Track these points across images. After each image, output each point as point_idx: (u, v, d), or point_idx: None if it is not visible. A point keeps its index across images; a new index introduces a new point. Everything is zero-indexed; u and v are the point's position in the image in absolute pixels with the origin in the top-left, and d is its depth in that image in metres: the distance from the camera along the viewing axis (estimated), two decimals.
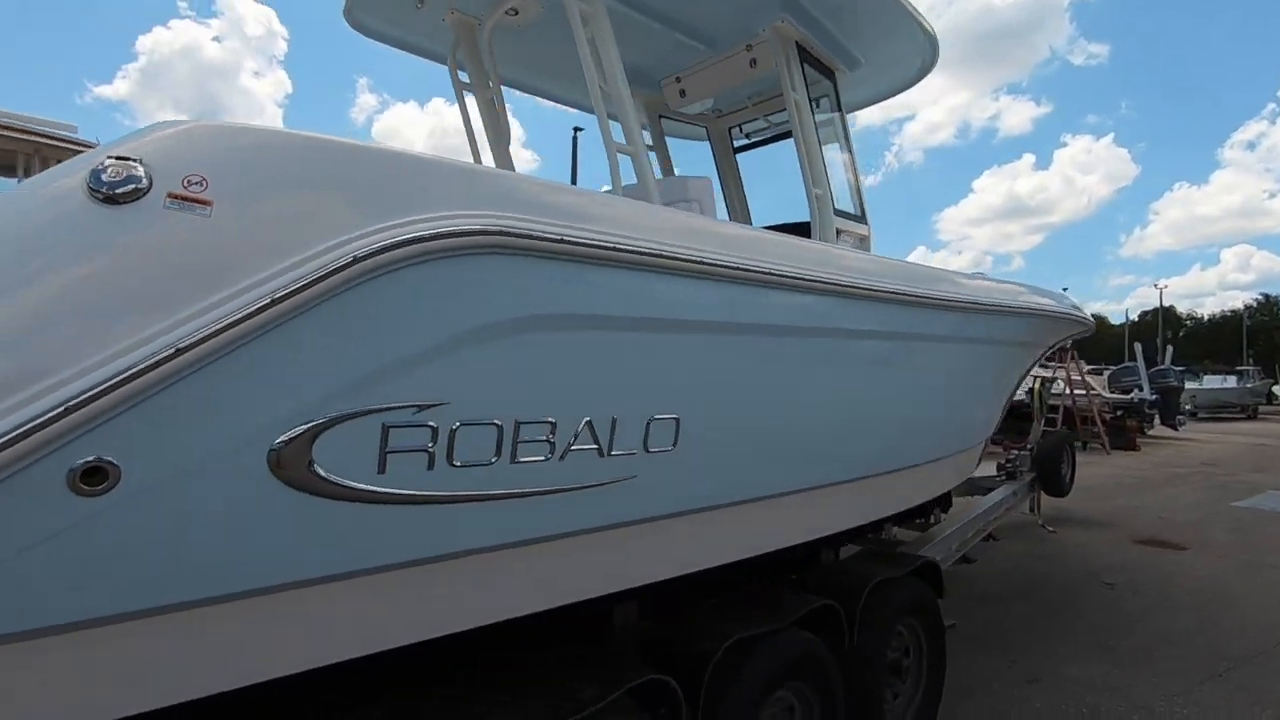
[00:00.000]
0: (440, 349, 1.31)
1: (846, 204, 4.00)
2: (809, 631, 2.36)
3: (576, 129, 23.87)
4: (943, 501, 5.49)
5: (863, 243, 4.04)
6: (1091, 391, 15.54)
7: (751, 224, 4.87)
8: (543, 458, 1.51)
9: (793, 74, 3.49)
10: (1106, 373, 19.02)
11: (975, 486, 6.94)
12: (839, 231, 3.80)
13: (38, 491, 0.94)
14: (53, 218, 1.00)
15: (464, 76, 3.45)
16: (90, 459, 0.97)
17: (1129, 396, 16.36)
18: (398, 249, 1.20)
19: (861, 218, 4.02)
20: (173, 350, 0.99)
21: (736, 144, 4.77)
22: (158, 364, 0.98)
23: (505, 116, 3.54)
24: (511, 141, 3.61)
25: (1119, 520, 7.72)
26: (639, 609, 2.49)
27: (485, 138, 3.57)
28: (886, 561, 3.06)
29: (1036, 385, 8.06)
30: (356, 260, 1.15)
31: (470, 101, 3.47)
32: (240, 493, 1.10)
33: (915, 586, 2.98)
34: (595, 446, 1.63)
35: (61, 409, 0.92)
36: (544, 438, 1.51)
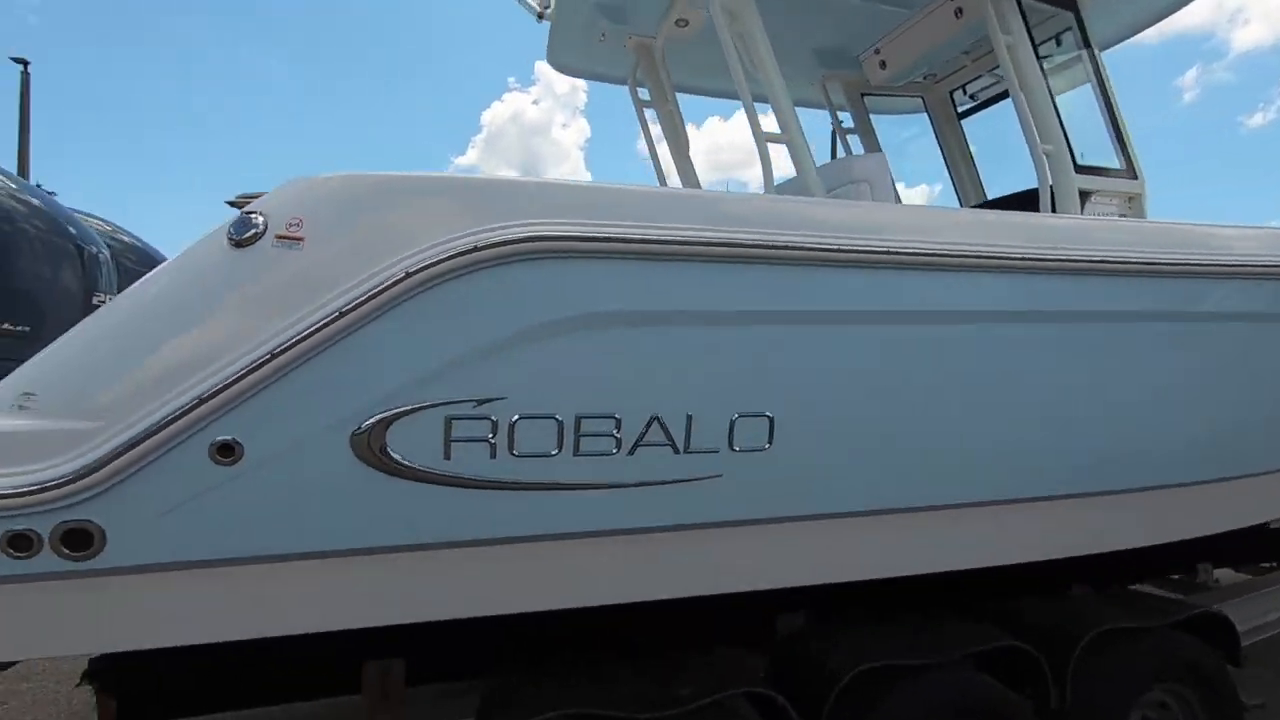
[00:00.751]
0: (496, 348, 1.45)
1: (1105, 158, 3.25)
2: (990, 675, 1.97)
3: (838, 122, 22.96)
4: None
5: (1132, 202, 3.24)
6: None
7: (985, 196, 4.20)
8: (612, 451, 1.55)
9: (1003, 12, 2.95)
10: None
11: None
12: (1090, 193, 3.11)
13: (189, 461, 1.32)
14: (208, 258, 1.39)
15: (644, 95, 3.65)
16: (225, 438, 1.33)
17: None
18: (443, 263, 1.37)
19: (1130, 172, 3.22)
20: (267, 354, 1.30)
21: (961, 109, 4.16)
22: (257, 365, 1.29)
23: (684, 128, 3.64)
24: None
25: None
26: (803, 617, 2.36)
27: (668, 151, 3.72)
28: (1138, 608, 2.37)
29: None
30: (409, 274, 1.36)
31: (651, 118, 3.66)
32: (329, 468, 1.38)
33: (1184, 644, 2.25)
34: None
35: (196, 399, 1.28)
36: (614, 432, 1.55)
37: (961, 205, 4.21)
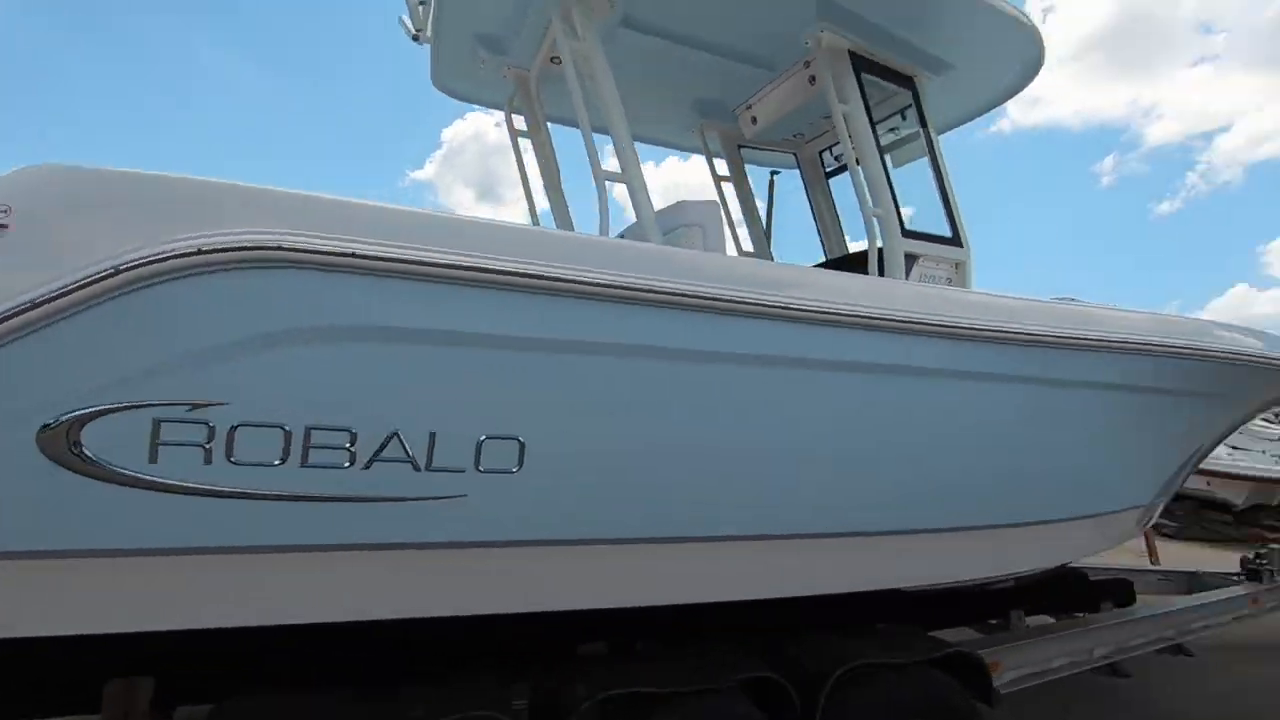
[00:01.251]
0: (218, 352, 1.45)
1: (937, 226, 3.52)
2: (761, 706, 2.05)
3: (774, 173, 23.88)
4: (1109, 592, 4.37)
5: (958, 269, 3.51)
6: None
7: (847, 252, 4.46)
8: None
9: (841, 86, 3.20)
10: None
11: (1197, 583, 5.37)
12: (917, 257, 3.35)
13: None
14: None
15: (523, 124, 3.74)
16: None
17: None
18: (161, 262, 1.37)
19: (956, 241, 3.48)
20: None
21: (829, 169, 4.43)
22: None
23: (555, 159, 3.74)
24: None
25: None
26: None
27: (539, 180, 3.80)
28: (899, 646, 2.51)
29: None
30: (118, 271, 1.35)
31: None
32: (12, 463, 1.34)
33: (938, 682, 2.40)
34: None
35: None
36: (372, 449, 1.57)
37: (827, 259, 4.46)
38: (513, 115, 3.72)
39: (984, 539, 2.98)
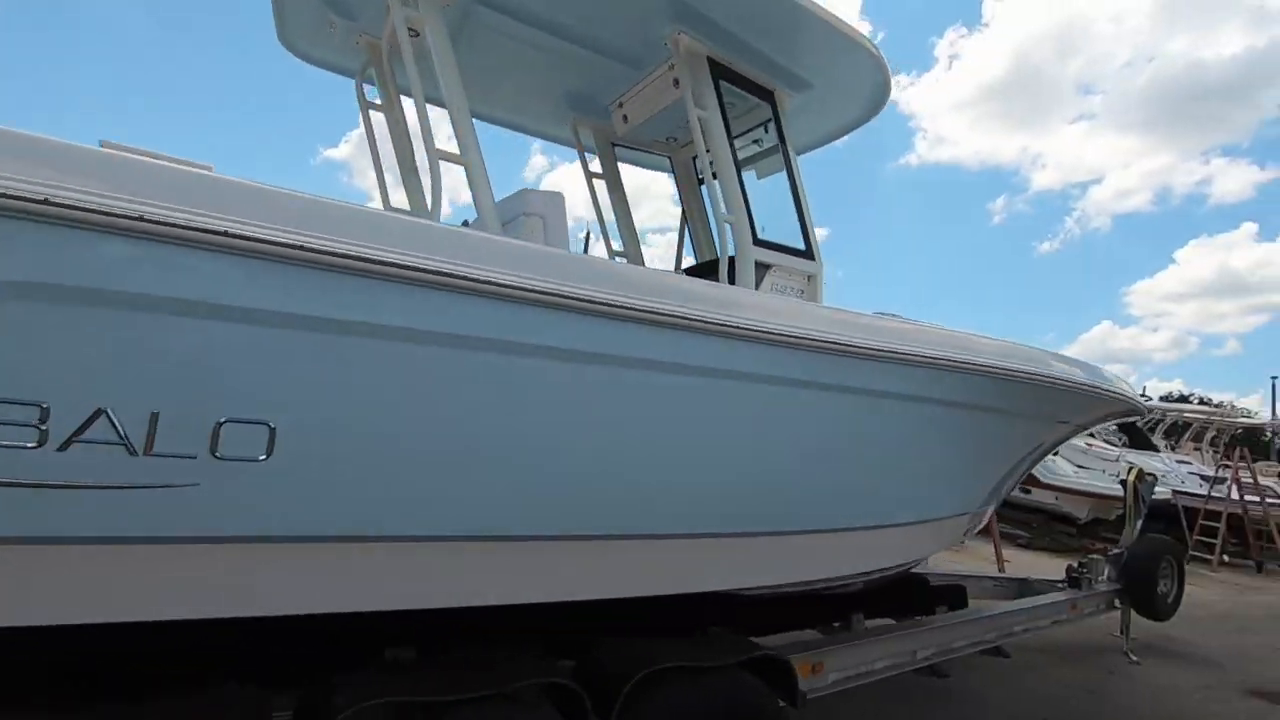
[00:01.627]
0: None
1: (790, 239, 3.60)
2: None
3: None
4: (944, 597, 4.61)
5: (810, 282, 3.59)
6: (1271, 498, 12.72)
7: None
8: None
9: (700, 92, 3.21)
10: None
11: (1027, 589, 5.78)
12: (768, 266, 3.40)
13: None
14: None
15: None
16: None
17: None
18: None
19: (809, 254, 3.57)
20: None
21: (702, 175, 4.47)
22: None
23: (408, 135, 3.56)
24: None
25: (1237, 660, 6.03)
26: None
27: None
28: (708, 648, 2.51)
29: (1131, 477, 6.63)
30: None
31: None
32: None
33: (745, 684, 2.40)
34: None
35: None
36: None
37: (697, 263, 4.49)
38: (365, 86, 3.51)
39: (820, 542, 3.04)
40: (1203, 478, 13.13)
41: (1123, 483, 6.74)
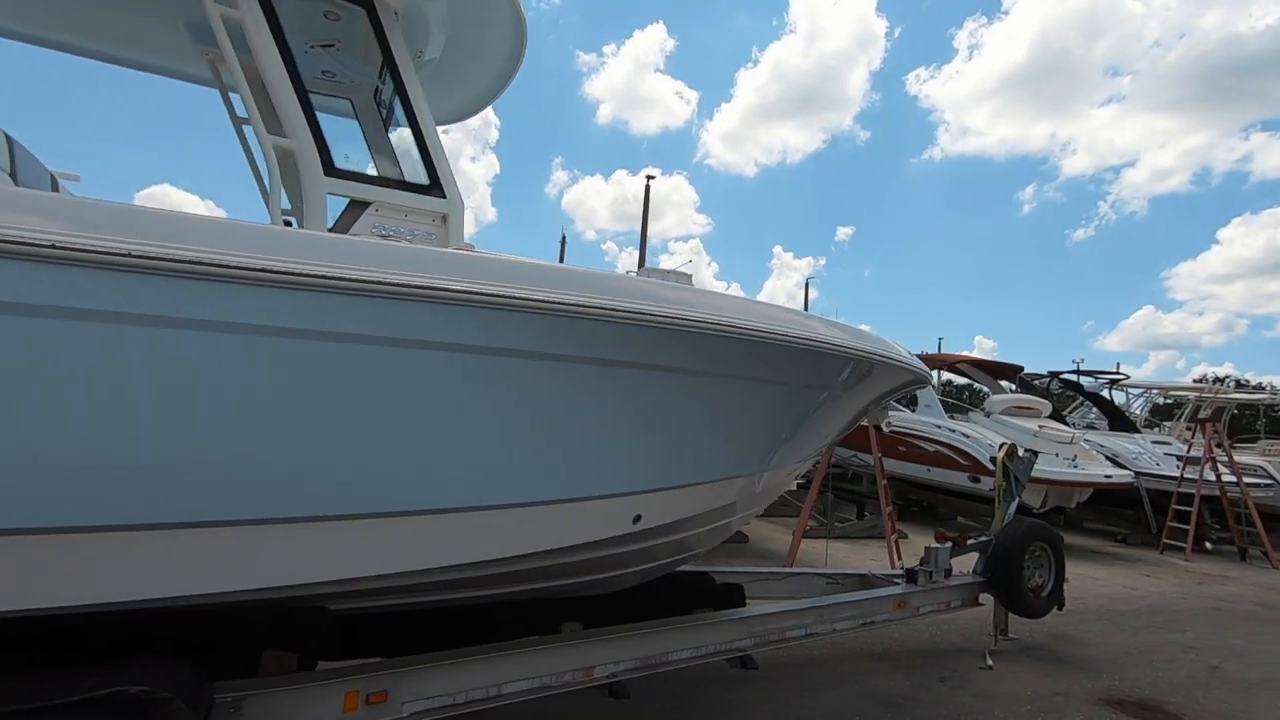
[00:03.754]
0: None
1: (411, 173, 3.02)
2: None
3: (650, 177, 23.75)
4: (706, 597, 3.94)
5: (442, 223, 3.00)
6: (1248, 478, 11.61)
7: None
8: None
9: None
10: None
11: (868, 585, 5.04)
12: (368, 203, 2.83)
13: None
14: None
15: None
16: None
17: None
18: None
19: (438, 191, 2.98)
20: None
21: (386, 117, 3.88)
22: None
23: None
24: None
25: (1120, 663, 5.19)
26: None
27: None
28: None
29: (1000, 454, 5.82)
30: None
31: None
32: None
33: None
34: None
35: None
36: None
37: None
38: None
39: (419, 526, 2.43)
40: (1178, 459, 12.04)
41: (993, 459, 5.93)
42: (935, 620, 5.91)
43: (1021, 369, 13.97)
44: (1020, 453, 5.82)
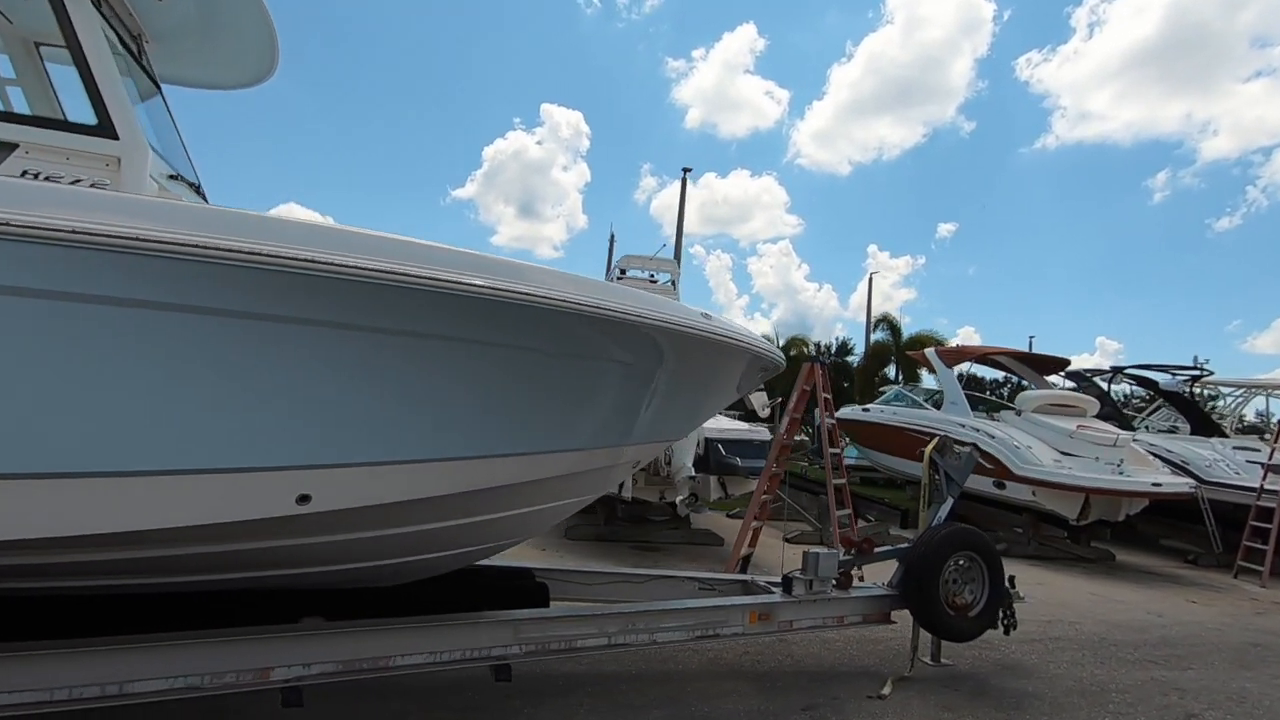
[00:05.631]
0: None
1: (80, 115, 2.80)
2: None
3: (686, 169, 23.20)
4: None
5: (115, 167, 2.78)
6: None
7: None
8: None
9: None
10: None
11: (749, 590, 4.40)
12: (11, 145, 2.64)
13: None
14: None
15: None
16: None
17: None
18: None
19: (103, 130, 2.75)
20: None
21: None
22: None
23: None
24: None
25: (1056, 702, 4.24)
26: None
27: None
28: None
29: (928, 449, 4.94)
30: None
31: None
32: None
33: None
34: None
35: None
36: None
37: None
38: None
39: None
40: (1263, 466, 10.21)
41: (924, 453, 5.06)
42: (865, 637, 5.14)
43: (1068, 362, 12.38)
44: (956, 448, 4.93)
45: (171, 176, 3.22)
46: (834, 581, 4.31)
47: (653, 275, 10.49)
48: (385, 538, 3.01)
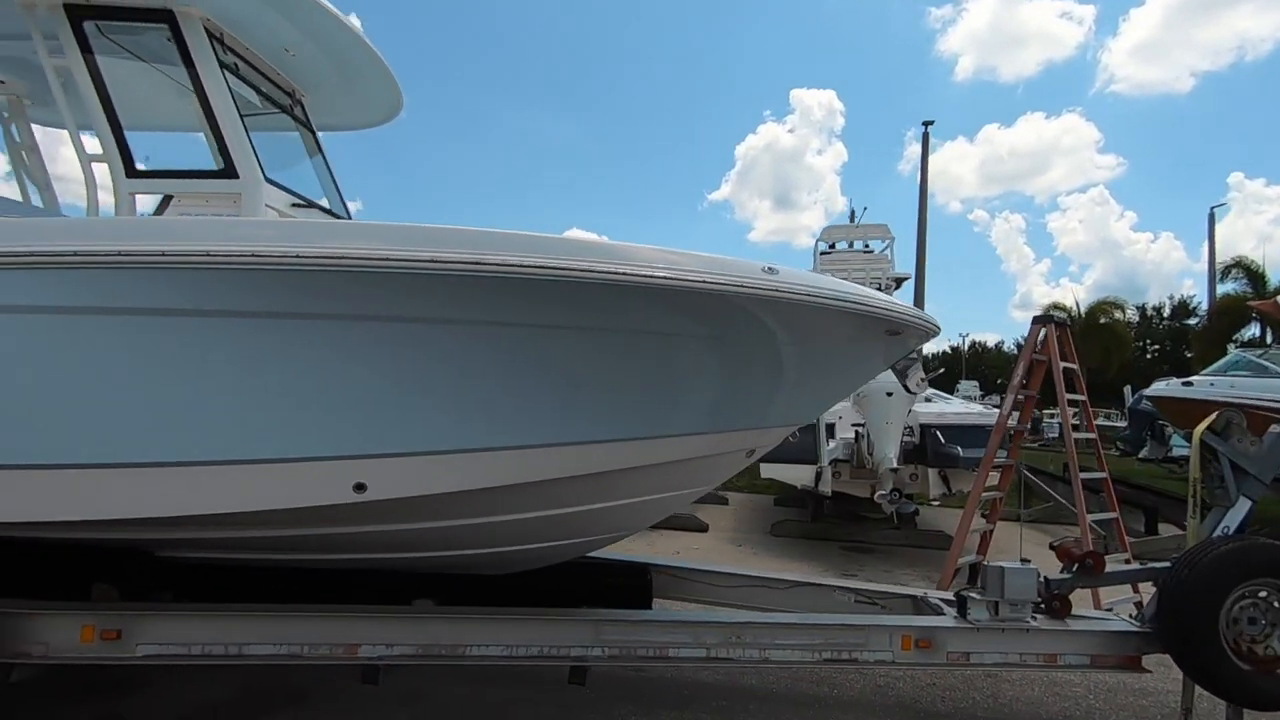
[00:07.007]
0: None
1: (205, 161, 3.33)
2: None
3: (927, 123, 20.08)
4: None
5: (238, 201, 3.28)
6: None
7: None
8: None
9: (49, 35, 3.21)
10: None
11: (920, 608, 3.58)
12: (170, 198, 3.28)
13: None
14: None
15: None
16: None
17: None
18: None
19: (227, 172, 3.25)
20: None
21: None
22: None
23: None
24: None
25: None
26: None
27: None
28: None
29: (1200, 428, 3.34)
30: None
31: None
32: None
33: None
34: None
35: None
36: None
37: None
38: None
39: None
40: None
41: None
42: (1121, 685, 3.84)
43: None
44: (1231, 421, 3.32)
45: (296, 204, 3.63)
46: (1038, 605, 3.24)
47: (866, 244, 9.30)
48: (472, 527, 3.00)
